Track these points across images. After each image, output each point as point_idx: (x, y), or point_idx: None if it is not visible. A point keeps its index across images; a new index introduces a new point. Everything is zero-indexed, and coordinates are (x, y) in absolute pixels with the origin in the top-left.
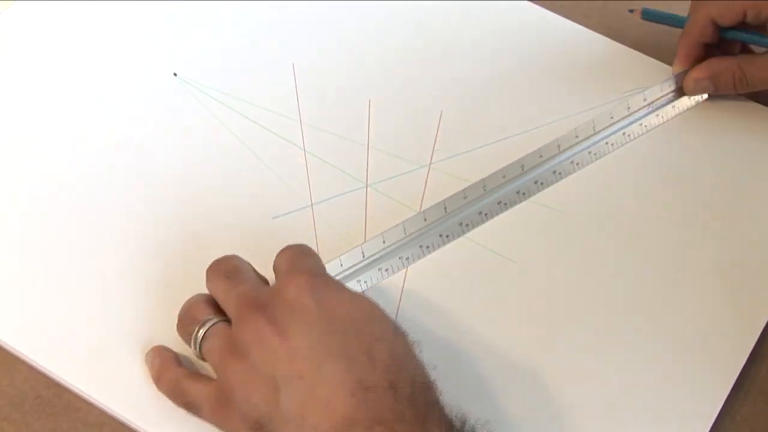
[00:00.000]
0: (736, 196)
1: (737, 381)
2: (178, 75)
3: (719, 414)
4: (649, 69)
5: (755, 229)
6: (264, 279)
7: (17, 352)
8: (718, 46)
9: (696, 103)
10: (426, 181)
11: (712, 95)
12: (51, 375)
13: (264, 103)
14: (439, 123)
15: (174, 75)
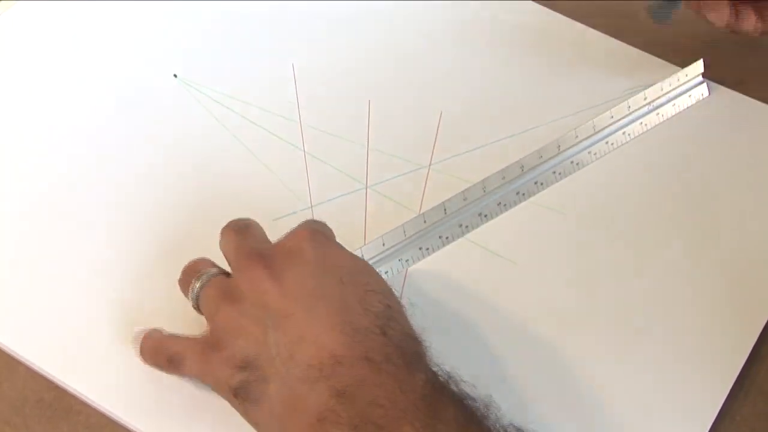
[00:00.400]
0: (736, 195)
1: (737, 381)
2: (178, 76)
3: (719, 414)
4: (650, 67)
5: (756, 229)
6: None
7: (18, 355)
8: None
9: (696, 102)
10: (426, 182)
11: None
12: (52, 378)
13: (264, 104)
14: (439, 123)
15: (174, 76)
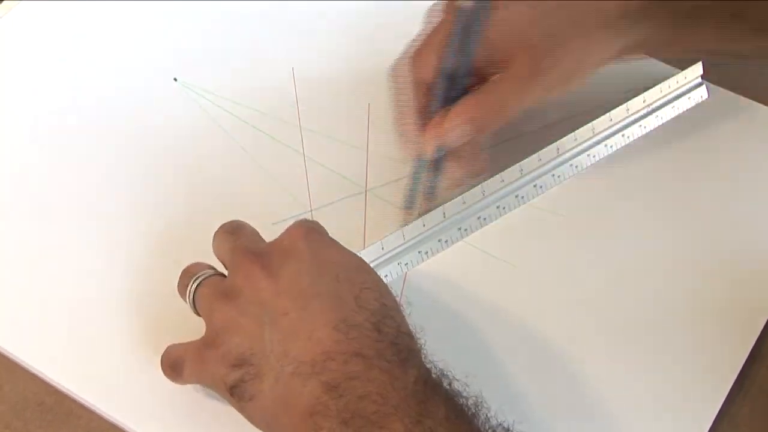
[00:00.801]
0: (736, 195)
1: (737, 381)
2: (178, 80)
3: (719, 414)
4: (649, 70)
5: (756, 229)
6: None
7: (19, 359)
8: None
9: (695, 104)
10: None
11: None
12: (52, 382)
13: (264, 108)
14: None
15: (174, 80)
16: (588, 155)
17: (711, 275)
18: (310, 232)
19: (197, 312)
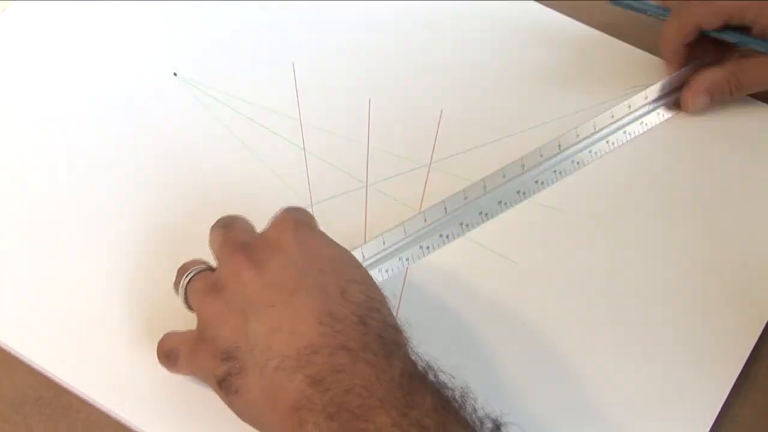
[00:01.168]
0: (737, 194)
1: (737, 381)
2: (178, 74)
3: (719, 414)
4: (650, 66)
5: (756, 228)
6: None
7: (17, 353)
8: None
9: None
10: (426, 181)
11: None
12: (51, 376)
13: (264, 103)
14: (439, 122)
15: (174, 75)
16: (590, 151)
17: (711, 275)
18: (297, 224)
19: (189, 307)
